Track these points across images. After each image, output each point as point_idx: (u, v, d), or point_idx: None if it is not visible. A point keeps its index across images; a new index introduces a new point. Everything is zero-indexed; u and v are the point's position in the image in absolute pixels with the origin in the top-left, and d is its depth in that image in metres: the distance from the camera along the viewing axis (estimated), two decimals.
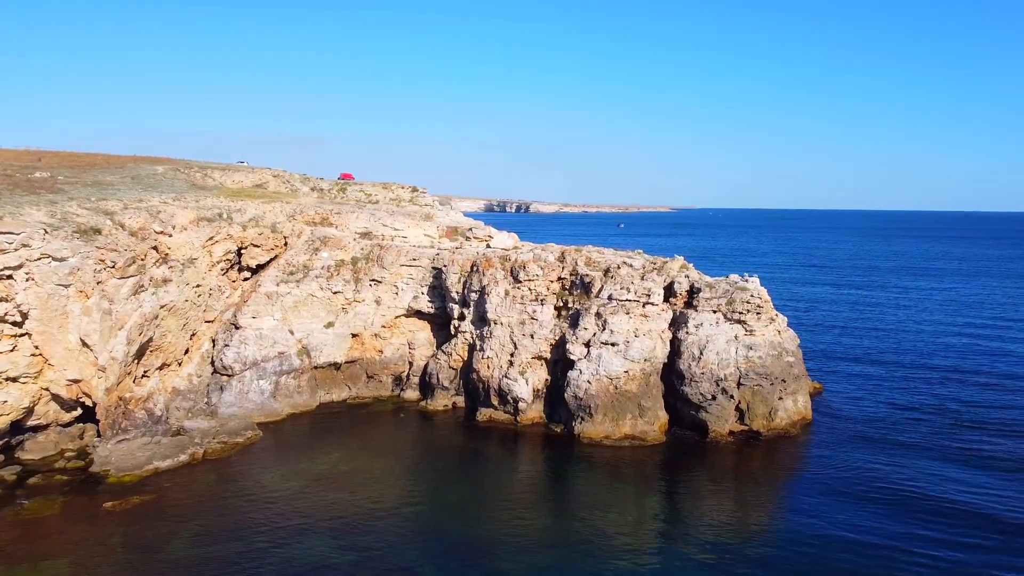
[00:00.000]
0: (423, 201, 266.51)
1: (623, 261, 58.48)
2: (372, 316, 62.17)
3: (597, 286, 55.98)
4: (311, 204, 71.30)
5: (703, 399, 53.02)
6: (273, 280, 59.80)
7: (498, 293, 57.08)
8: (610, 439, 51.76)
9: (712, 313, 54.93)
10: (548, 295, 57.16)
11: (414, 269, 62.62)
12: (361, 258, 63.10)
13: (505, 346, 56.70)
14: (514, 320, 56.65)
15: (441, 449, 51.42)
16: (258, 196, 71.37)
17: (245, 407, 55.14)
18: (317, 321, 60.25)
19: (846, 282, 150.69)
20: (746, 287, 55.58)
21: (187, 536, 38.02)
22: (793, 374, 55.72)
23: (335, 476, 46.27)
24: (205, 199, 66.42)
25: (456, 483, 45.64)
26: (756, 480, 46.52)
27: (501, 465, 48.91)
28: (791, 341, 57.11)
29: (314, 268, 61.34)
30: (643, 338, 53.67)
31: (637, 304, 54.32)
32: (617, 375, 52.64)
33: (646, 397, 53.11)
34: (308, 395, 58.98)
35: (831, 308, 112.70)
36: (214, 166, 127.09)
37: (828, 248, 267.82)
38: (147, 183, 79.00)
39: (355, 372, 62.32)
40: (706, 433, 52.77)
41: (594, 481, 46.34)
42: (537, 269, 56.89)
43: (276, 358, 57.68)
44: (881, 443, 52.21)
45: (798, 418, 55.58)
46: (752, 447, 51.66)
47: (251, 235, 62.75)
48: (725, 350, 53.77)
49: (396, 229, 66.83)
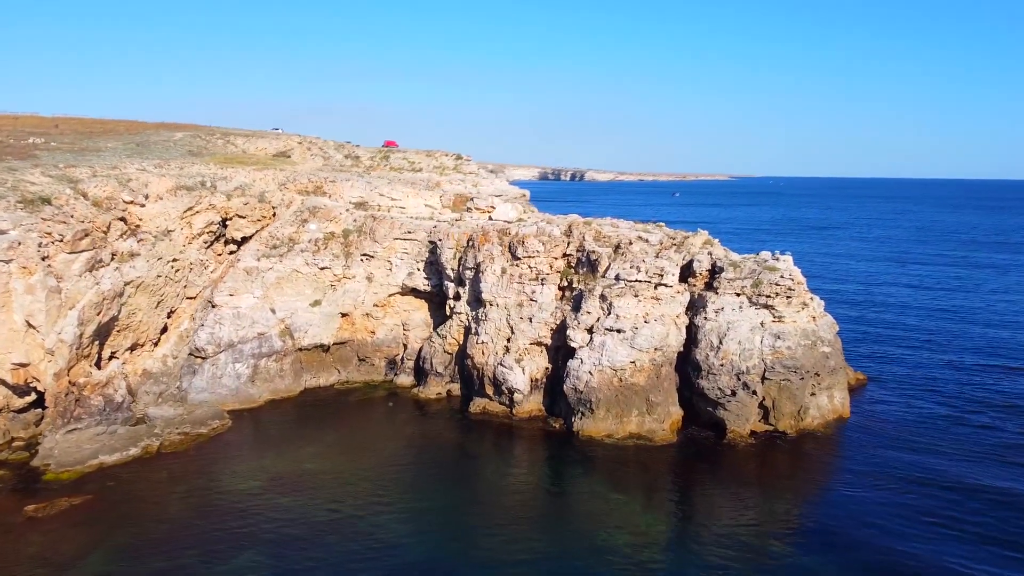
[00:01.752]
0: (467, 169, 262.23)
1: (638, 236, 51.90)
2: (363, 294, 57.03)
3: (604, 264, 49.62)
4: (307, 172, 66.22)
5: (721, 395, 46.52)
6: (254, 254, 55.04)
7: (494, 271, 51.21)
8: (612, 438, 45.77)
9: (735, 296, 48.13)
10: (551, 274, 51.05)
11: (409, 243, 57.13)
12: (353, 230, 57.87)
13: (501, 330, 50.95)
14: (511, 301, 50.78)
15: (423, 445, 46.16)
16: (251, 163, 66.64)
17: (218, 393, 50.76)
18: (302, 299, 55.38)
19: (910, 257, 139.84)
20: (776, 267, 48.54)
21: (108, 550, 33.55)
22: (828, 367, 48.67)
23: (298, 476, 41.47)
24: (192, 166, 62.00)
25: (429, 489, 40.31)
26: (774, 492, 39.93)
27: (485, 467, 43.37)
28: (828, 329, 49.93)
29: (300, 241, 56.37)
30: (654, 324, 47.26)
31: (648, 285, 47.84)
32: (622, 366, 46.45)
33: (655, 391, 46.83)
34: (291, 380, 54.33)
35: (890, 285, 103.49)
36: (238, 132, 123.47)
37: (893, 219, 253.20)
38: (152, 150, 75.19)
39: (345, 355, 57.45)
40: (724, 433, 46.34)
41: (588, 490, 40.44)
42: (538, 244, 50.75)
43: (255, 339, 53.06)
44: (932, 451, 44.91)
45: (833, 417, 48.67)
46: (775, 451, 45.05)
47: (236, 205, 58.08)
48: (748, 339, 47.02)
49: (393, 199, 61.34)
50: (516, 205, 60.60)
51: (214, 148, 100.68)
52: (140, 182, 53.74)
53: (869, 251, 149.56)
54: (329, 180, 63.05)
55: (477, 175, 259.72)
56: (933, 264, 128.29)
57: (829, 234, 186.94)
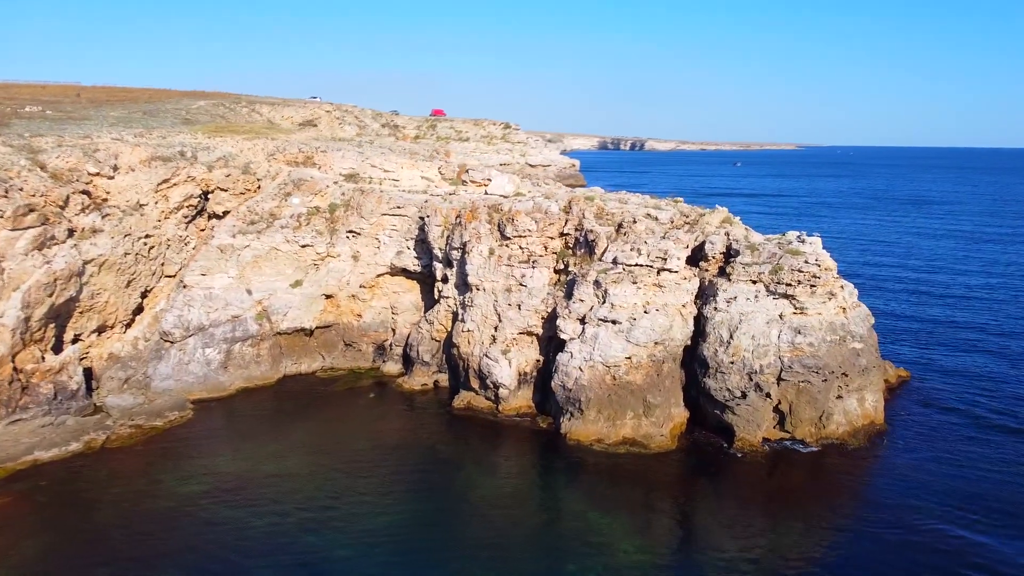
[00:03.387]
0: (516, 138, 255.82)
1: (646, 213, 46.05)
2: (349, 274, 52.66)
3: (602, 246, 44.02)
4: (299, 141, 61.86)
5: (729, 396, 40.74)
6: (229, 231, 51.08)
7: (480, 252, 46.12)
8: (603, 443, 40.52)
9: (751, 284, 42.06)
10: (545, 255, 45.71)
11: (398, 219, 52.38)
12: (340, 205, 53.38)
13: (488, 318, 45.96)
14: (499, 286, 45.69)
15: (395, 446, 41.67)
16: (242, 132, 62.71)
17: (183, 381, 47.22)
18: (282, 279, 51.32)
19: (983, 233, 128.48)
20: (799, 250, 42.19)
21: (8, 567, 30.13)
22: (859, 366, 42.30)
23: (250, 479, 37.52)
24: (176, 136, 58.32)
25: (387, 502, 35.68)
26: (779, 519, 34.15)
27: (456, 476, 38.49)
28: (860, 322, 43.46)
29: (282, 217, 52.17)
30: (655, 314, 41.61)
31: (649, 270, 42.12)
32: (616, 362, 41.03)
33: (654, 391, 41.31)
34: (268, 366, 50.50)
35: (955, 267, 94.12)
36: (264, 100, 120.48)
37: (969, 190, 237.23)
38: (158, 118, 72.16)
39: (330, 339, 53.33)
40: (732, 440, 40.65)
41: (567, 506, 35.37)
42: (530, 223, 45.38)
43: (228, 323, 49.29)
44: (980, 474, 38.21)
45: (863, 423, 42.38)
46: (789, 464, 39.16)
47: (217, 177, 54.18)
48: (764, 333, 41.01)
49: (386, 171, 56.57)
50: (514, 178, 54.92)
51: (235, 117, 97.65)
52: (109, 152, 50.16)
53: (937, 226, 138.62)
54: (320, 150, 58.58)
55: (526, 144, 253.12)
56: (1008, 242, 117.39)
57: (889, 205, 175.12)
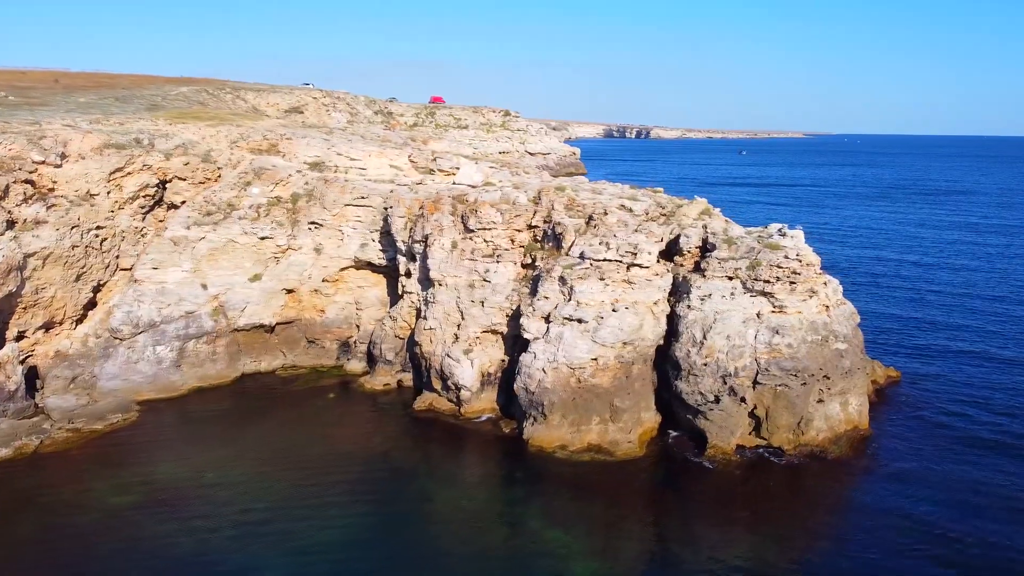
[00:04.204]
0: (515, 125, 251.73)
1: (620, 204, 43.43)
2: (310, 267, 50.19)
3: (569, 239, 41.40)
4: (264, 127, 59.24)
5: (702, 400, 38.16)
6: (183, 222, 48.62)
7: (442, 245, 43.58)
8: (566, 450, 38.04)
9: (727, 280, 39.41)
10: (512, 249, 43.13)
11: (363, 210, 49.83)
12: (303, 195, 50.85)
13: (450, 315, 43.46)
14: (462, 281, 43.16)
15: (347, 454, 39.13)
16: (207, 118, 60.06)
17: (131, 380, 44.92)
18: (240, 273, 48.87)
19: (988, 224, 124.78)
20: (779, 244, 39.52)
21: None
22: (842, 368, 39.66)
23: (188, 490, 35.17)
24: (135, 122, 55.82)
25: (330, 518, 33.10)
26: (746, 539, 31.63)
27: (408, 486, 35.96)
28: (844, 321, 40.80)
29: (241, 207, 49.67)
30: (624, 313, 39.03)
31: (618, 265, 39.50)
32: (581, 363, 38.48)
33: (623, 394, 38.78)
34: (225, 364, 48.14)
35: (959, 260, 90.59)
36: (250, 87, 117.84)
37: (975, 179, 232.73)
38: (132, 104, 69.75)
39: (292, 336, 50.93)
40: (704, 447, 38.10)
41: (521, 521, 33.01)
42: (495, 214, 42.78)
43: (181, 319, 46.91)
44: (971, 485, 35.65)
45: (845, 429, 39.78)
46: (762, 475, 36.58)
47: (175, 165, 51.63)
48: (740, 333, 38.38)
49: (353, 159, 53.90)
50: (483, 167, 52.13)
51: (217, 103, 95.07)
52: (57, 139, 47.69)
53: (942, 216, 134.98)
54: (285, 138, 55.98)
55: (526, 132, 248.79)
56: (1014, 234, 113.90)
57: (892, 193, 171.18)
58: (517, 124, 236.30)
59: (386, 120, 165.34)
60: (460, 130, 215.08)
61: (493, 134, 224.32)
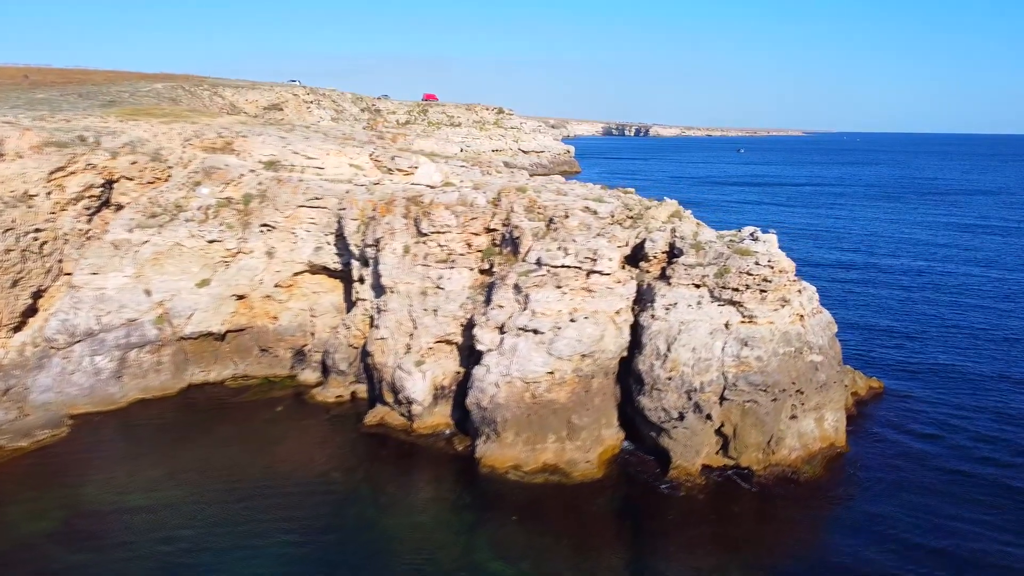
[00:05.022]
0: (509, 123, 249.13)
1: (584, 206, 40.82)
2: (262, 272, 47.60)
3: (526, 244, 38.81)
4: (220, 125, 56.61)
5: (665, 417, 35.57)
6: (126, 224, 46.06)
7: (394, 249, 41.01)
8: (520, 470, 35.46)
9: (693, 288, 36.81)
10: (467, 254, 40.54)
11: (317, 211, 47.25)
12: (256, 196, 48.26)
13: (403, 324, 40.88)
14: (414, 288, 40.58)
15: (289, 472, 36.51)
16: (160, 115, 57.46)
17: (66, 393, 42.33)
18: (187, 278, 46.27)
19: (987, 225, 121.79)
20: (749, 250, 36.90)
21: None
22: (817, 381, 37.08)
23: (107, 515, 32.60)
24: (83, 119, 53.23)
25: (254, 543, 30.77)
26: (708, 568, 29.11)
27: (346, 510, 33.33)
28: (820, 331, 38.19)
29: (188, 209, 47.10)
30: (583, 323, 36.45)
31: (577, 272, 36.92)
32: (536, 377, 35.90)
33: (581, 410, 36.21)
34: (170, 375, 45.57)
35: (951, 262, 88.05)
36: (228, 83, 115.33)
37: (974, 177, 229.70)
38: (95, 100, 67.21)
39: (244, 344, 48.34)
40: (667, 467, 35.52)
41: (464, 555, 30.41)
42: (449, 217, 40.19)
43: (122, 327, 44.35)
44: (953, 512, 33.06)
45: (820, 447, 37.21)
46: (729, 499, 33.99)
47: (122, 165, 49.13)
48: (706, 345, 35.77)
49: (309, 157, 51.23)
50: (443, 167, 49.39)
51: (192, 100, 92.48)
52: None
53: (939, 216, 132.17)
54: (241, 135, 53.35)
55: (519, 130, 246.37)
56: (1015, 235, 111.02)
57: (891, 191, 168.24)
58: (511, 122, 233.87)
59: (373, 118, 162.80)
60: (453, 128, 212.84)
61: (486, 132, 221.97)
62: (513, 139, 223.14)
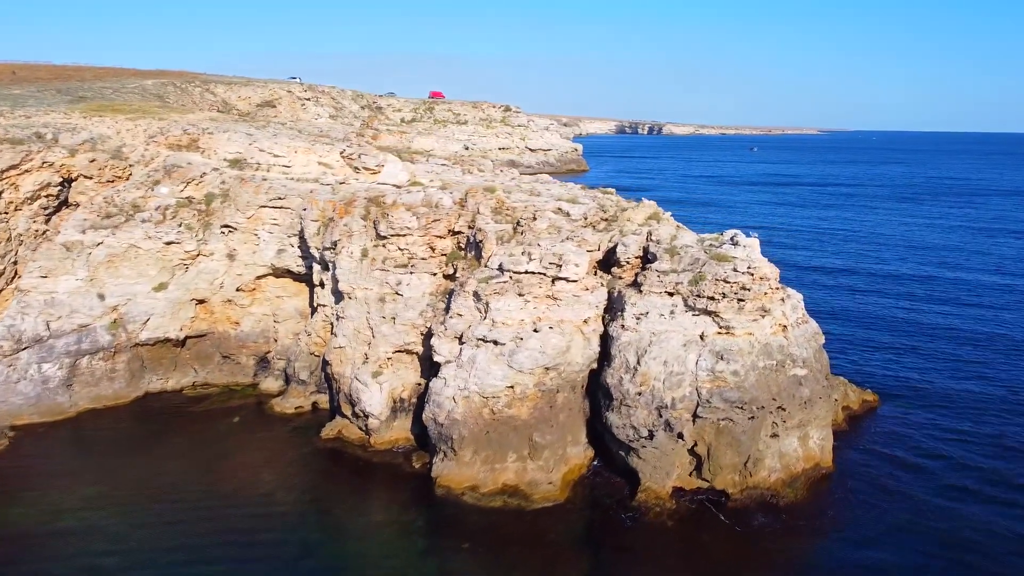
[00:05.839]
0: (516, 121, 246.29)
1: (557, 207, 38.33)
2: (223, 275, 45.41)
3: (488, 248, 36.32)
4: (188, 121, 54.40)
5: (634, 436, 32.99)
6: (78, 225, 43.97)
7: (351, 253, 38.65)
8: (477, 491, 32.99)
9: (666, 296, 34.18)
10: (430, 258, 38.11)
11: (279, 212, 44.98)
12: (218, 195, 46.07)
13: (360, 332, 38.50)
14: (372, 294, 38.18)
15: (231, 492, 34.16)
16: (128, 111, 55.41)
17: (10, 402, 40.24)
18: (143, 282, 44.14)
19: (1005, 225, 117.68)
20: (727, 255, 34.21)
21: None
22: (800, 397, 34.34)
23: (32, 539, 30.41)
24: (44, 115, 51.25)
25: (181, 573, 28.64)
26: None
27: (287, 537, 30.80)
28: (805, 343, 35.46)
29: (147, 208, 44.95)
30: (548, 333, 33.92)
31: (541, 279, 34.38)
32: (495, 392, 33.40)
33: (544, 427, 33.70)
34: (125, 383, 43.48)
35: (965, 264, 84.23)
36: (220, 80, 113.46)
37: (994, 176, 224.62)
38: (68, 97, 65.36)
39: (205, 351, 46.19)
40: (636, 490, 32.94)
41: None
42: (409, 219, 37.77)
43: (73, 333, 42.28)
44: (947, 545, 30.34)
45: (804, 467, 34.49)
46: (699, 525, 31.35)
47: (81, 163, 47.05)
48: (679, 358, 33.13)
49: (276, 155, 48.95)
50: (408, 165, 46.83)
51: (182, 96, 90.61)
52: None
53: (956, 217, 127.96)
54: (207, 132, 51.14)
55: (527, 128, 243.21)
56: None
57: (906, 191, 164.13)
58: (518, 120, 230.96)
59: (373, 115, 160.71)
60: (459, 126, 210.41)
61: (493, 130, 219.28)
62: (520, 137, 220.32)
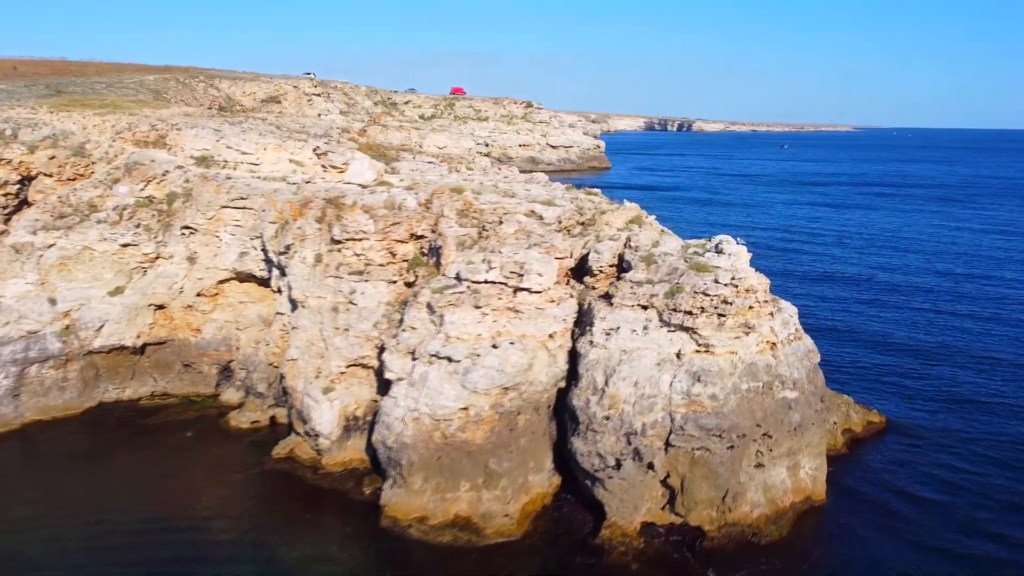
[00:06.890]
0: (538, 117, 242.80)
1: (530, 210, 35.14)
2: (183, 280, 42.91)
3: (447, 255, 33.26)
4: (157, 117, 52.03)
5: (600, 465, 29.75)
6: (30, 226, 41.73)
7: (304, 258, 35.82)
8: (426, 523, 29.97)
9: (639, 310, 30.86)
10: (388, 265, 35.14)
11: (242, 212, 42.35)
12: (181, 195, 43.58)
13: (314, 344, 35.67)
14: (326, 304, 35.31)
15: (169, 517, 31.53)
16: (99, 106, 53.19)
17: None
18: (98, 286, 41.81)
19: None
20: (708, 265, 30.77)
21: None
22: (790, 422, 30.86)
23: None
24: (7, 110, 49.18)
25: None
26: None
27: (215, 570, 28.50)
28: (796, 361, 31.91)
29: (104, 208, 42.61)
30: (508, 349, 30.79)
31: (502, 289, 31.25)
32: (447, 414, 30.35)
33: (502, 453, 30.59)
34: (77, 392, 41.17)
35: (997, 273, 79.28)
36: (225, 75, 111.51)
37: None
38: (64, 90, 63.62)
39: (165, 359, 43.75)
40: (600, 525, 29.71)
41: None
42: (366, 222, 34.82)
43: (20, 340, 40.01)
44: None
45: (792, 501, 31.01)
46: (669, 567, 28.03)
47: (40, 160, 44.85)
48: (652, 379, 29.80)
49: (244, 153, 46.34)
50: (375, 163, 43.80)
51: (185, 92, 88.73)
52: None
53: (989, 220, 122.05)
54: (176, 128, 48.69)
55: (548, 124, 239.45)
56: None
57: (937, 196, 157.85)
58: (539, 116, 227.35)
59: (390, 110, 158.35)
60: (479, 122, 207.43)
61: (514, 126, 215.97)
62: (541, 134, 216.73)
